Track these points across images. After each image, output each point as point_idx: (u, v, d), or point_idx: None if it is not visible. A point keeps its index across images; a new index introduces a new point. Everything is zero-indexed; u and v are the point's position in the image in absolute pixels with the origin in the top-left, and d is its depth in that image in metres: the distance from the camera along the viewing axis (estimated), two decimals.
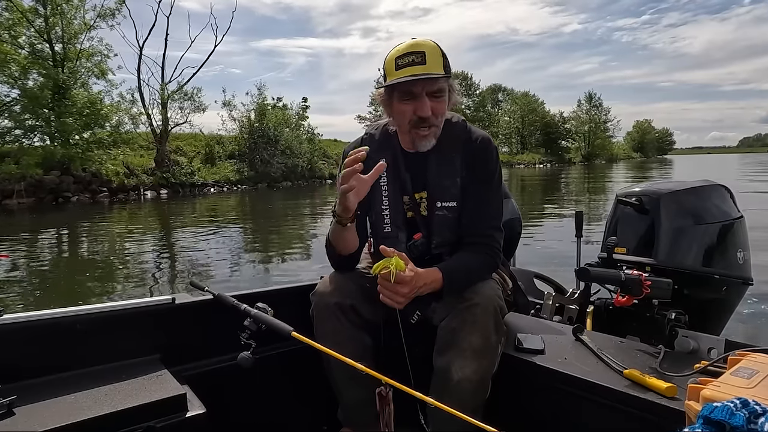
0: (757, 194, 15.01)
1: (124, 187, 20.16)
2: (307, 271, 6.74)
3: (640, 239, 1.89)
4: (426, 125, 1.43)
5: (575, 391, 1.33)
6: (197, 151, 25.36)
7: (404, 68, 1.38)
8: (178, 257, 8.41)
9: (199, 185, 22.89)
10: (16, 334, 1.23)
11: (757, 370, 1.00)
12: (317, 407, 1.67)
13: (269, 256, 8.28)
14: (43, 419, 1.05)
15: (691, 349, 1.46)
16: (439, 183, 1.49)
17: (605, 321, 1.88)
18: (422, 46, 1.39)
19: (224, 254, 8.16)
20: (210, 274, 6.74)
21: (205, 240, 9.74)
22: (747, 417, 0.70)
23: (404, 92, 1.41)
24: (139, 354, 1.38)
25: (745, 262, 1.95)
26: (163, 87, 24.41)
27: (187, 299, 1.51)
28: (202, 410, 1.20)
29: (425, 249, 1.50)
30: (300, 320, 1.38)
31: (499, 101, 69.70)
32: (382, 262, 1.27)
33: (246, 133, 26.41)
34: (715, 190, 2.00)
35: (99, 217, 14.42)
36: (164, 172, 21.91)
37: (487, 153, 1.51)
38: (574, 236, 2.39)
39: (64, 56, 20.24)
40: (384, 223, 1.53)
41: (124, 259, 8.15)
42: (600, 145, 73.47)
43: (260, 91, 27.71)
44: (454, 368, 1.32)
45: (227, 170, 24.63)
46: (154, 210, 16.73)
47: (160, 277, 6.84)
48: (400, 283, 1.27)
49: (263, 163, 25.48)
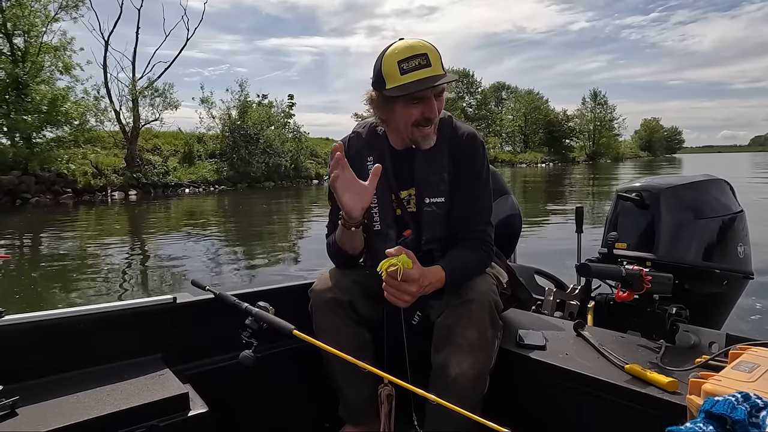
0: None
1: (91, 188, 18.80)
2: (281, 275, 6.46)
3: (640, 234, 1.89)
4: (430, 124, 1.43)
5: (576, 387, 1.33)
6: (175, 150, 23.89)
7: (411, 72, 1.35)
8: (142, 262, 7.86)
9: (173, 186, 21.38)
10: (18, 335, 1.23)
11: (758, 364, 1.00)
12: (320, 405, 1.68)
13: (238, 260, 7.79)
14: (45, 419, 1.05)
15: (692, 343, 1.46)
16: (426, 179, 1.49)
17: (606, 316, 1.88)
18: (422, 48, 1.37)
19: (192, 260, 7.58)
20: (169, 280, 6.38)
21: (172, 244, 9.10)
22: (748, 411, 0.70)
23: (413, 97, 1.38)
24: (141, 353, 1.38)
25: (745, 256, 1.95)
26: (133, 83, 22.51)
27: (188, 299, 1.51)
28: (205, 409, 1.20)
29: (415, 246, 1.50)
30: (301, 318, 1.39)
31: (503, 99, 68.61)
32: (388, 260, 1.24)
33: (227, 131, 25.06)
34: (715, 184, 2.00)
35: (58, 219, 13.31)
36: (135, 171, 20.47)
37: (474, 148, 1.50)
38: (574, 232, 2.39)
39: (25, 51, 18.71)
40: (374, 221, 1.52)
41: (81, 264, 7.51)
42: (605, 143, 72.13)
43: (242, 88, 26.08)
44: (452, 364, 1.32)
45: (205, 170, 23.24)
46: (122, 212, 15.70)
47: (121, 283, 6.36)
48: (408, 281, 1.26)
49: (243, 162, 24.07)
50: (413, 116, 1.40)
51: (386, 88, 1.38)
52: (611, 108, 73.34)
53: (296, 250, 8.79)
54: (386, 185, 1.51)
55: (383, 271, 1.25)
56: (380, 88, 1.41)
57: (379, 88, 1.42)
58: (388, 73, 1.38)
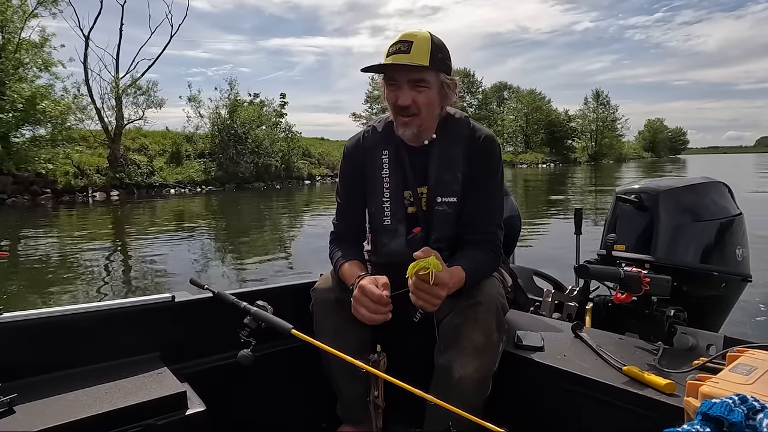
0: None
1: (71, 188, 18.03)
2: (266, 276, 6.25)
3: (639, 236, 1.89)
4: (406, 114, 1.43)
5: (574, 388, 1.33)
6: (163, 149, 23.10)
7: (390, 56, 1.40)
8: (123, 263, 7.60)
9: (157, 186, 20.67)
10: (16, 332, 1.23)
11: (756, 367, 1.00)
12: (317, 404, 1.68)
13: (222, 262, 7.54)
14: (43, 417, 1.05)
15: (690, 345, 1.46)
16: (440, 178, 1.50)
17: (604, 318, 1.88)
18: (412, 37, 1.40)
19: (175, 262, 7.31)
20: (151, 282, 6.18)
21: (154, 246, 8.73)
22: (745, 413, 0.70)
23: (388, 79, 1.44)
24: (139, 352, 1.38)
25: (744, 259, 1.96)
26: (116, 80, 21.59)
27: (186, 297, 1.51)
28: (202, 408, 1.20)
29: (424, 244, 1.49)
30: (300, 318, 1.38)
31: (505, 99, 67.84)
32: (418, 263, 1.20)
33: (217, 130, 24.33)
34: (713, 187, 2.00)
35: (36, 220, 12.85)
36: (117, 171, 19.79)
37: (491, 150, 1.52)
38: (573, 234, 2.40)
39: (2, 47, 17.89)
40: (384, 215, 1.53)
41: (60, 266, 7.24)
42: (608, 144, 71.20)
43: (231, 86, 25.27)
44: (456, 366, 1.32)
45: (192, 170, 22.53)
46: (103, 213, 15.06)
47: (101, 287, 6.06)
48: (439, 285, 1.22)
49: (231, 162, 23.42)
50: (390, 101, 1.45)
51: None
52: (614, 108, 72.65)
53: (284, 251, 8.54)
54: (400, 181, 1.53)
55: (412, 274, 1.20)
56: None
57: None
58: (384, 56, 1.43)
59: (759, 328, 3.86)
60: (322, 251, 1.67)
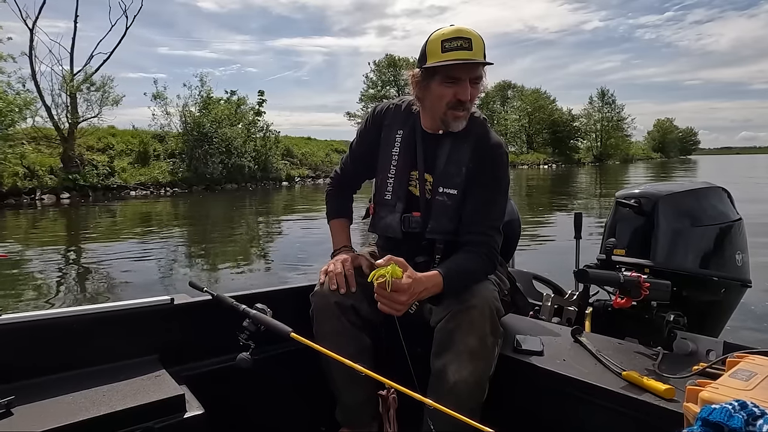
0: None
1: (18, 191, 16.60)
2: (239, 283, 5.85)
3: (639, 241, 1.89)
4: (462, 108, 1.46)
5: (574, 393, 1.33)
6: (130, 149, 21.69)
7: (451, 52, 1.39)
8: (68, 271, 7.06)
9: (116, 188, 19.29)
10: (14, 335, 1.23)
11: (756, 372, 1.00)
12: (316, 408, 1.67)
13: (180, 268, 6.98)
14: (41, 419, 1.05)
15: (690, 350, 1.46)
16: (445, 168, 1.53)
17: (604, 323, 1.88)
18: (468, 33, 1.41)
19: (116, 270, 6.81)
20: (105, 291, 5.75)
21: (107, 253, 8.10)
22: (745, 419, 0.70)
23: (448, 76, 1.43)
24: (138, 354, 1.38)
25: (743, 264, 1.95)
26: (70, 76, 19.91)
27: (185, 299, 1.51)
28: (201, 411, 1.20)
29: (420, 230, 1.54)
30: (299, 321, 1.38)
31: (508, 98, 66.54)
32: (378, 270, 1.26)
33: (187, 130, 22.97)
34: (713, 192, 2.00)
35: None
36: (71, 173, 18.32)
37: (498, 157, 1.54)
38: (573, 238, 2.39)
39: None
40: (386, 190, 1.58)
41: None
42: (614, 144, 69.50)
43: (202, 83, 23.94)
44: (451, 370, 1.32)
45: (156, 171, 21.12)
46: (50, 218, 13.78)
47: (49, 298, 5.60)
48: (397, 291, 1.27)
49: (199, 162, 22.07)
50: (446, 97, 1.45)
51: (426, 64, 1.43)
52: (620, 107, 70.95)
53: (246, 257, 7.90)
54: (408, 161, 1.57)
55: (374, 281, 1.27)
56: (422, 64, 1.46)
57: (420, 64, 1.47)
58: (431, 50, 1.43)
59: (759, 334, 3.86)
60: (289, 258, 1.71)
